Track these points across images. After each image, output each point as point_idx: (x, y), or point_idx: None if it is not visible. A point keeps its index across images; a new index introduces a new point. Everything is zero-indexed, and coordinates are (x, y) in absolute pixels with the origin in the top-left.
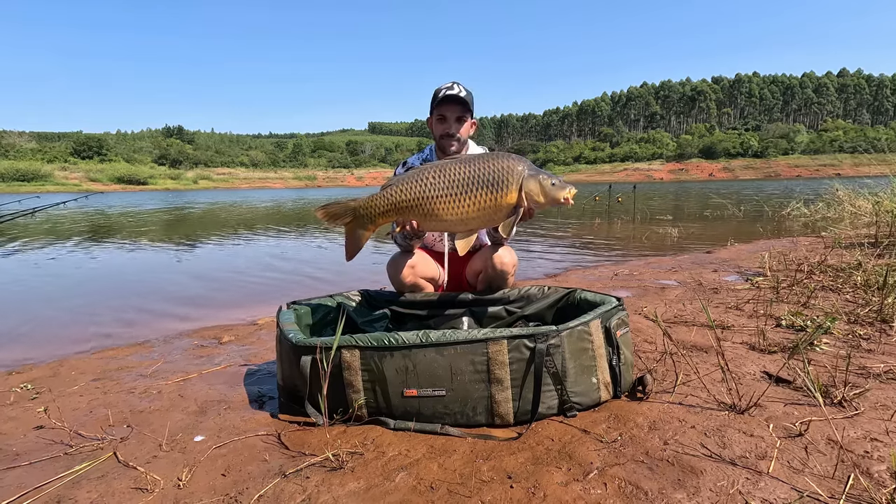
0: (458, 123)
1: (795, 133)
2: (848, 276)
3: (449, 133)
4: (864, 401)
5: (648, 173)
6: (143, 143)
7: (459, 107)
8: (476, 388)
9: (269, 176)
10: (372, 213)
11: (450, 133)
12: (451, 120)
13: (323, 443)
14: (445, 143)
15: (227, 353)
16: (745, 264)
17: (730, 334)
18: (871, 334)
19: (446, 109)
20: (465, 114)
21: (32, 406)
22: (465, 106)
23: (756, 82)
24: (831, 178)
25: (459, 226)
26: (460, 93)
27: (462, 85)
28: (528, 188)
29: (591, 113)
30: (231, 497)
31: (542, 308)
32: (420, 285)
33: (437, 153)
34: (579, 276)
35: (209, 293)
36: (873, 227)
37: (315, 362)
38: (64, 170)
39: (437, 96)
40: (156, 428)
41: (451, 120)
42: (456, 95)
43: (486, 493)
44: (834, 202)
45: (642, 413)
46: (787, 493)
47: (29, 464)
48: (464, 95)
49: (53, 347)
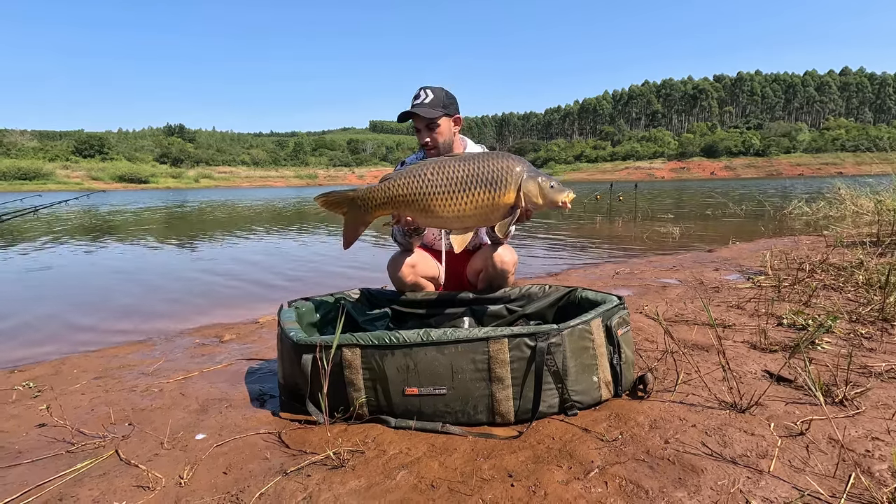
0: (428, 131)
1: (797, 131)
2: (850, 275)
3: (425, 143)
4: (865, 400)
5: (650, 172)
6: (144, 142)
7: (422, 118)
8: (477, 387)
9: (270, 174)
10: (369, 204)
11: (425, 143)
12: (423, 130)
13: (324, 441)
14: (426, 152)
15: (229, 351)
16: (747, 263)
17: (731, 333)
18: (872, 333)
19: (415, 121)
20: (434, 119)
21: (34, 404)
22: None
23: (758, 80)
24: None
25: (455, 223)
26: (425, 99)
27: (430, 88)
28: (527, 189)
29: (592, 111)
30: (232, 495)
31: (542, 307)
32: (420, 284)
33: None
34: (580, 275)
35: (210, 292)
36: (875, 225)
37: (316, 361)
38: (66, 168)
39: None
40: (157, 426)
41: (423, 131)
42: (414, 110)
43: (487, 492)
44: (836, 201)
45: (643, 412)
46: (787, 492)
47: (31, 461)
48: (427, 103)
49: (55, 346)
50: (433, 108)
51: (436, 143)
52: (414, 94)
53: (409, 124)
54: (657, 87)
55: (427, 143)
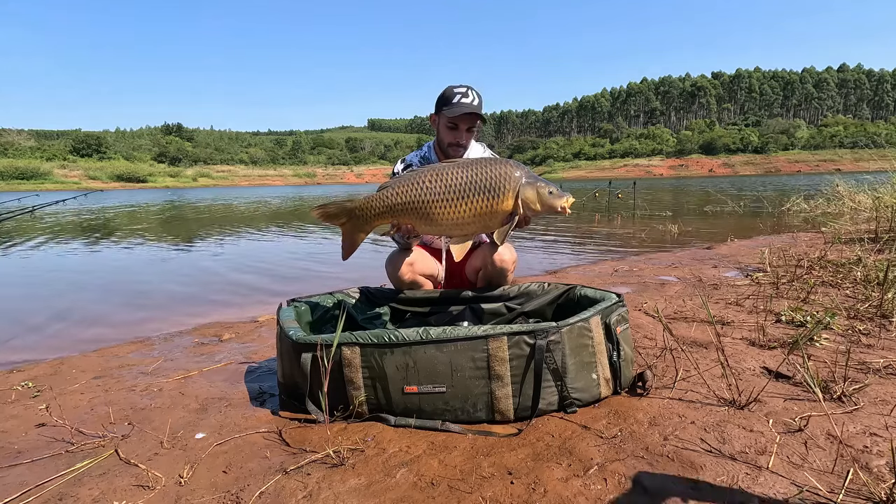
0: (468, 133)
1: (796, 128)
2: (848, 272)
3: (459, 143)
4: (863, 396)
5: (648, 169)
6: (142, 141)
7: (474, 119)
8: (476, 385)
9: (268, 173)
10: (368, 214)
11: (460, 143)
12: (463, 130)
13: (324, 440)
14: (453, 150)
15: (228, 350)
16: (745, 260)
17: (730, 330)
18: (870, 329)
19: (460, 120)
20: (476, 123)
21: (34, 404)
22: (479, 118)
23: (756, 77)
24: (831, 173)
25: (455, 230)
26: (474, 101)
27: (474, 90)
28: (525, 195)
29: (590, 109)
30: (232, 494)
31: (542, 304)
32: (419, 282)
33: (437, 151)
34: (579, 273)
35: (209, 291)
36: (873, 222)
37: (315, 359)
38: (63, 168)
39: (448, 100)
40: (157, 425)
41: (462, 129)
42: (472, 111)
43: (487, 489)
44: (834, 197)
45: (642, 409)
46: (786, 488)
47: (31, 461)
48: (477, 104)
49: (54, 345)
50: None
51: (468, 144)
52: (458, 91)
53: (409, 121)
54: (655, 84)
55: (459, 143)
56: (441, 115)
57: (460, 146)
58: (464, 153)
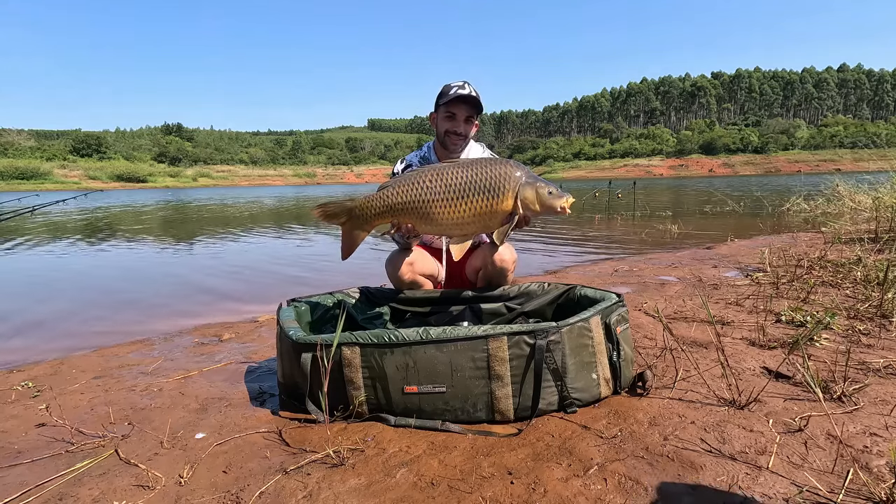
0: (466, 124)
1: (796, 128)
2: (848, 272)
3: (457, 131)
4: (863, 396)
5: (648, 169)
6: (142, 141)
7: (470, 107)
8: (476, 385)
9: (268, 173)
10: (368, 213)
11: (457, 131)
12: (461, 119)
13: (324, 440)
14: (450, 140)
15: (228, 350)
16: (745, 260)
17: (730, 330)
18: (870, 329)
19: (457, 108)
20: (474, 114)
21: (34, 404)
22: (475, 107)
23: (756, 77)
24: (831, 173)
25: (454, 230)
26: (471, 93)
27: (472, 85)
28: (525, 196)
29: (590, 109)
30: (232, 494)
31: (542, 304)
32: (419, 282)
33: (437, 150)
34: (579, 273)
35: (209, 291)
36: (873, 222)
37: (315, 359)
38: (63, 168)
39: (446, 93)
40: (157, 425)
41: (460, 119)
42: (468, 95)
43: (487, 489)
44: (834, 197)
45: (642, 409)
46: (786, 488)
47: (31, 461)
48: (475, 95)
49: (54, 345)
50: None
51: (467, 134)
52: (457, 84)
53: (409, 121)
54: (655, 84)
55: (458, 133)
56: (439, 109)
57: (458, 134)
58: (463, 145)
